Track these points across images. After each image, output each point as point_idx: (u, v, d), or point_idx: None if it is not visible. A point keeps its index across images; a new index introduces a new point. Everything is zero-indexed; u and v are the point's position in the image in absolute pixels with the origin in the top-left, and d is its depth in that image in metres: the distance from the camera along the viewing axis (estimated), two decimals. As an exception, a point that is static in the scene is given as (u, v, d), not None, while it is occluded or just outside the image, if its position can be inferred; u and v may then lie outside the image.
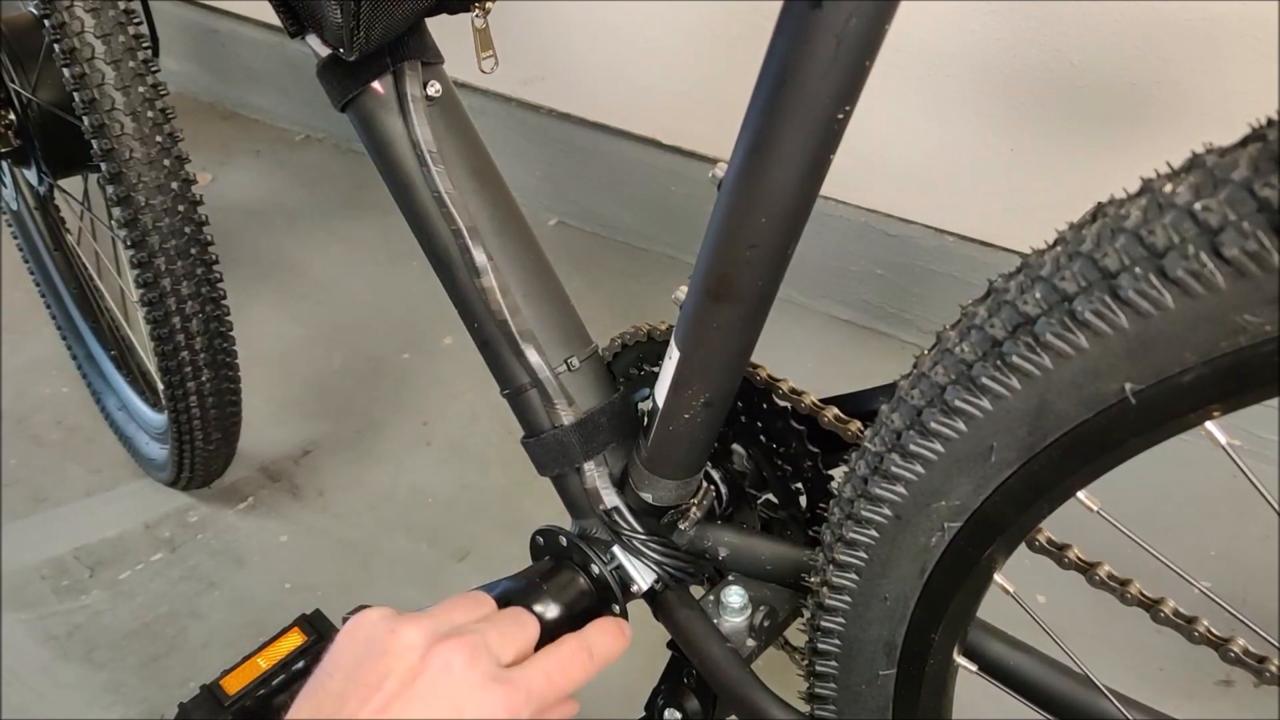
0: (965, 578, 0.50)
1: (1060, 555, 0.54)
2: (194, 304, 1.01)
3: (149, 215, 0.95)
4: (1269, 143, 0.34)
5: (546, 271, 0.69)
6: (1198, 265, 0.35)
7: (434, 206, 0.65)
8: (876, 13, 0.41)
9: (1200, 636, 0.52)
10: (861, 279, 1.57)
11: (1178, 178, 0.37)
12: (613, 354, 0.72)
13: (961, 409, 0.44)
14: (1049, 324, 0.40)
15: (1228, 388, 0.37)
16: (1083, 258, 0.39)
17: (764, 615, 0.68)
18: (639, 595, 0.69)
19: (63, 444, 1.41)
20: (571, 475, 0.68)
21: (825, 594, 0.56)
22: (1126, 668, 1.12)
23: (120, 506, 1.33)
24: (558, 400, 0.67)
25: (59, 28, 0.89)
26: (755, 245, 0.49)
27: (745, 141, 0.46)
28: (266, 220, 1.84)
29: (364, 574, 1.23)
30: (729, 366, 0.57)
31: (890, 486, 0.49)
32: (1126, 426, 0.41)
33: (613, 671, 0.61)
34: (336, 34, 0.59)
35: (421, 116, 0.64)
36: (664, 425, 0.60)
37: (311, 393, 1.50)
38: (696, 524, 0.65)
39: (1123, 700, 0.58)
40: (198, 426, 1.13)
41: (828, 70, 0.42)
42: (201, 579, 1.24)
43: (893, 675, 0.56)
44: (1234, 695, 1.10)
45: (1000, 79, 1.32)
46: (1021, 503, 0.46)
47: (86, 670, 1.14)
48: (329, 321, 1.62)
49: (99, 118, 0.91)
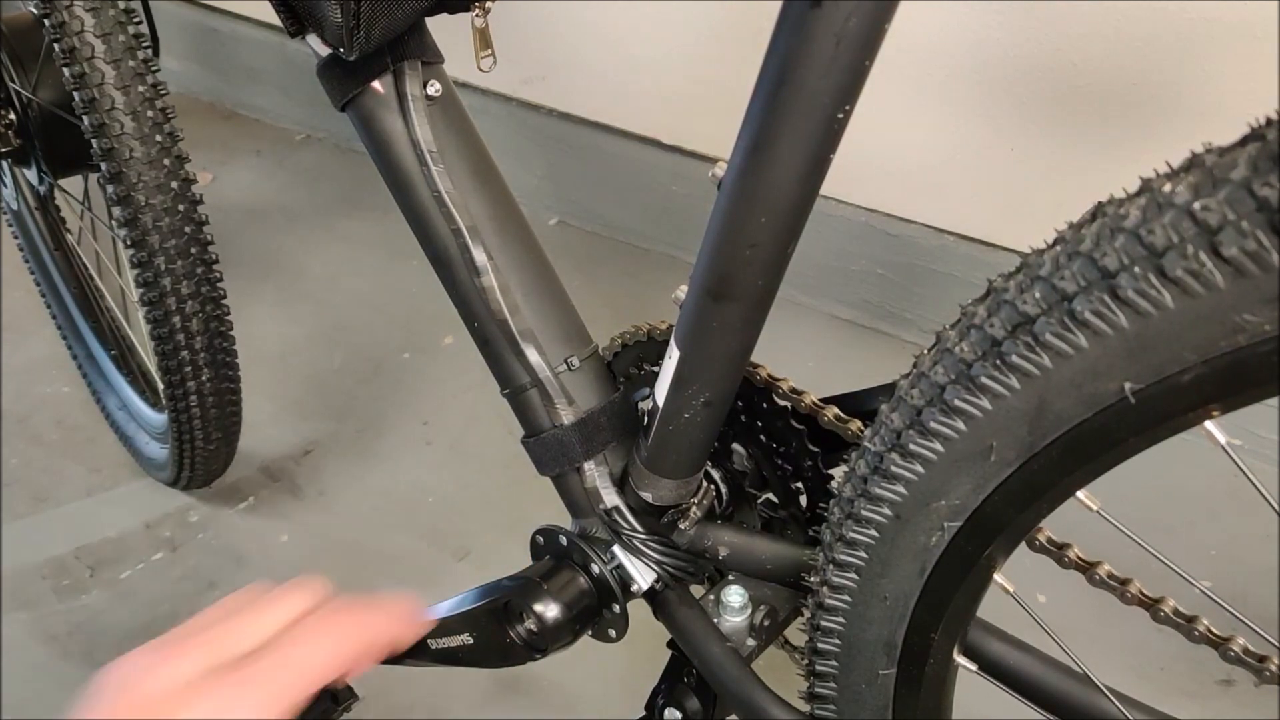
0: (965, 577, 0.50)
1: (1060, 554, 0.54)
2: (194, 303, 1.01)
3: (149, 215, 0.95)
4: (1268, 142, 0.34)
5: (546, 271, 0.69)
6: (1197, 265, 0.35)
7: (434, 206, 0.65)
8: (876, 12, 0.41)
9: (1200, 636, 0.52)
10: (862, 278, 1.57)
11: (1177, 177, 0.37)
12: (613, 353, 0.72)
13: (961, 408, 0.44)
14: (1048, 323, 0.40)
15: (1227, 387, 0.37)
16: (1082, 257, 0.39)
17: (764, 615, 0.68)
18: (639, 595, 0.69)
19: (63, 444, 1.41)
20: (571, 475, 0.68)
21: (825, 593, 0.56)
22: (1127, 667, 1.12)
23: (121, 506, 1.33)
24: (558, 400, 0.67)
25: (59, 27, 0.89)
26: (755, 244, 0.49)
27: (745, 141, 0.46)
28: (267, 220, 1.84)
29: (364, 574, 1.23)
30: (729, 366, 0.57)
31: (890, 486, 0.49)
32: (1126, 426, 0.41)
33: (613, 671, 0.61)
34: (336, 33, 0.59)
35: (421, 116, 0.64)
36: (664, 425, 0.60)
37: (312, 392, 1.50)
38: (696, 523, 0.65)
39: (1123, 700, 0.58)
40: (198, 426, 1.13)
41: (828, 70, 0.42)
42: (202, 578, 1.24)
43: (893, 675, 0.56)
44: (1234, 694, 1.10)
45: (1000, 78, 1.32)
46: (1021, 502, 0.46)
47: (87, 670, 1.14)
48: (329, 321, 1.62)
49: (99, 117, 0.91)
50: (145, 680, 0.42)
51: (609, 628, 0.69)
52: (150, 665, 0.43)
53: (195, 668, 0.43)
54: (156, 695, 0.42)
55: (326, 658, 0.45)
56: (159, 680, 0.42)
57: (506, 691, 1.11)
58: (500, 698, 1.11)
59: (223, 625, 0.45)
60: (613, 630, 0.69)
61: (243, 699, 0.42)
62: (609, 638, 0.69)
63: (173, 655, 0.43)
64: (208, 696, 0.42)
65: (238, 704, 0.42)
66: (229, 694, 0.42)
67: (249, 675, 0.43)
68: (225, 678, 0.42)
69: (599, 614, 0.68)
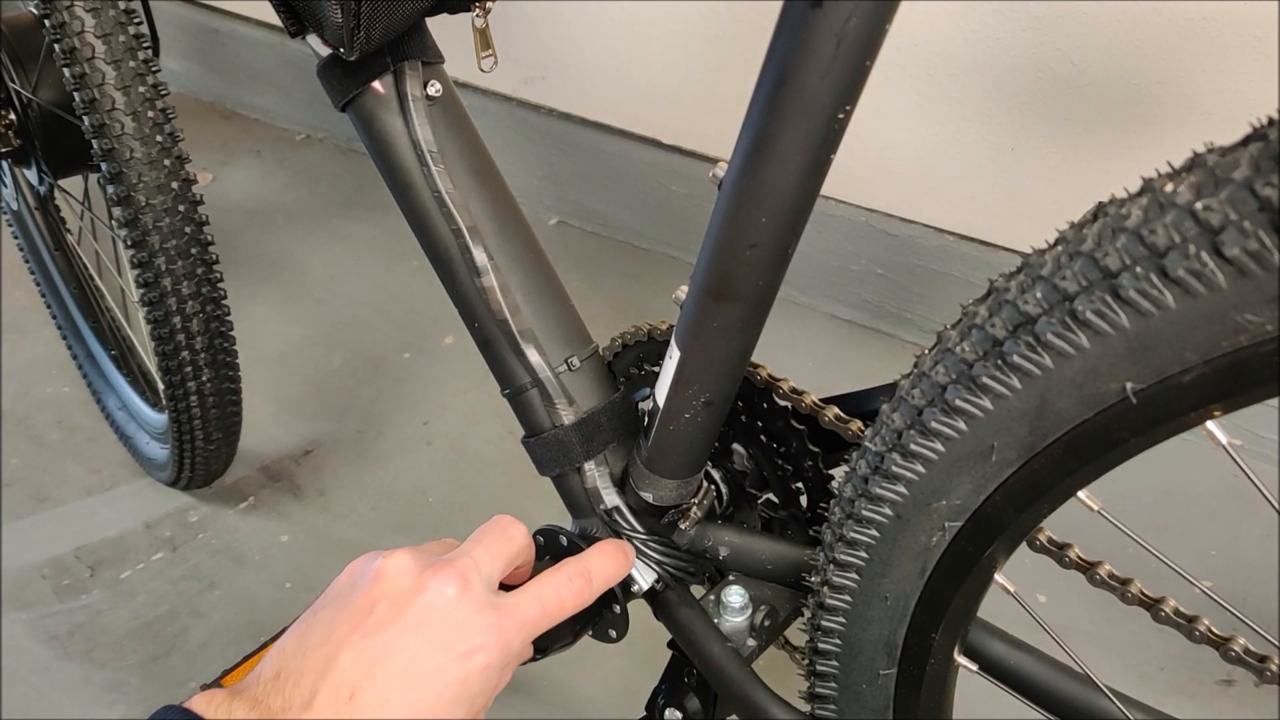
0: (966, 577, 0.50)
1: (1061, 555, 0.54)
2: (194, 304, 1.01)
3: (149, 215, 0.95)
4: (1270, 142, 0.34)
5: (547, 271, 0.69)
6: (1199, 265, 0.35)
7: (434, 206, 0.65)
8: (877, 12, 0.41)
9: (1201, 636, 0.52)
10: (862, 278, 1.57)
11: (1179, 177, 0.37)
12: (613, 353, 0.72)
13: (962, 408, 0.44)
14: (1050, 323, 0.40)
15: (1229, 387, 0.37)
16: (1084, 257, 0.39)
17: (764, 615, 0.68)
18: (639, 595, 0.69)
19: (63, 444, 1.41)
20: (572, 475, 0.68)
21: (826, 593, 0.56)
22: (1127, 667, 1.12)
23: (121, 506, 1.33)
24: (558, 400, 0.67)
25: (59, 27, 0.89)
26: (756, 245, 0.49)
27: (746, 141, 0.46)
28: (267, 220, 1.84)
29: (364, 574, 1.23)
30: (730, 366, 0.57)
31: (891, 486, 0.49)
32: (1127, 426, 0.41)
33: (613, 671, 0.61)
34: (337, 34, 0.59)
35: (422, 116, 0.64)
36: (664, 425, 0.60)
37: (312, 392, 1.50)
38: (697, 523, 0.65)
39: (1123, 700, 0.58)
40: (198, 426, 1.13)
41: (828, 70, 0.42)
42: (202, 578, 1.24)
43: (893, 675, 0.56)
44: (1235, 694, 1.10)
45: (1001, 78, 1.32)
46: (1022, 502, 0.46)
47: (87, 669, 1.14)
48: (329, 321, 1.62)
49: (99, 118, 0.91)
50: (421, 596, 0.49)
51: (609, 628, 0.68)
52: (421, 582, 0.49)
53: (463, 595, 0.50)
54: (440, 612, 0.49)
55: (567, 611, 0.56)
56: (440, 600, 0.49)
57: (506, 691, 1.11)
58: (500, 698, 1.10)
59: (468, 556, 0.52)
60: (613, 630, 0.69)
61: (512, 638, 0.51)
62: (609, 638, 0.69)
63: (441, 575, 0.50)
64: (489, 627, 0.50)
65: (510, 641, 0.51)
66: (507, 629, 0.51)
67: (516, 618, 0.52)
68: (501, 615, 0.51)
69: (599, 614, 0.68)
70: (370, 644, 0.46)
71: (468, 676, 0.48)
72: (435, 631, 0.48)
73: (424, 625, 0.48)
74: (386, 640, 0.47)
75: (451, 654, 0.48)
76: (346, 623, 0.47)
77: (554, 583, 0.56)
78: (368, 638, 0.47)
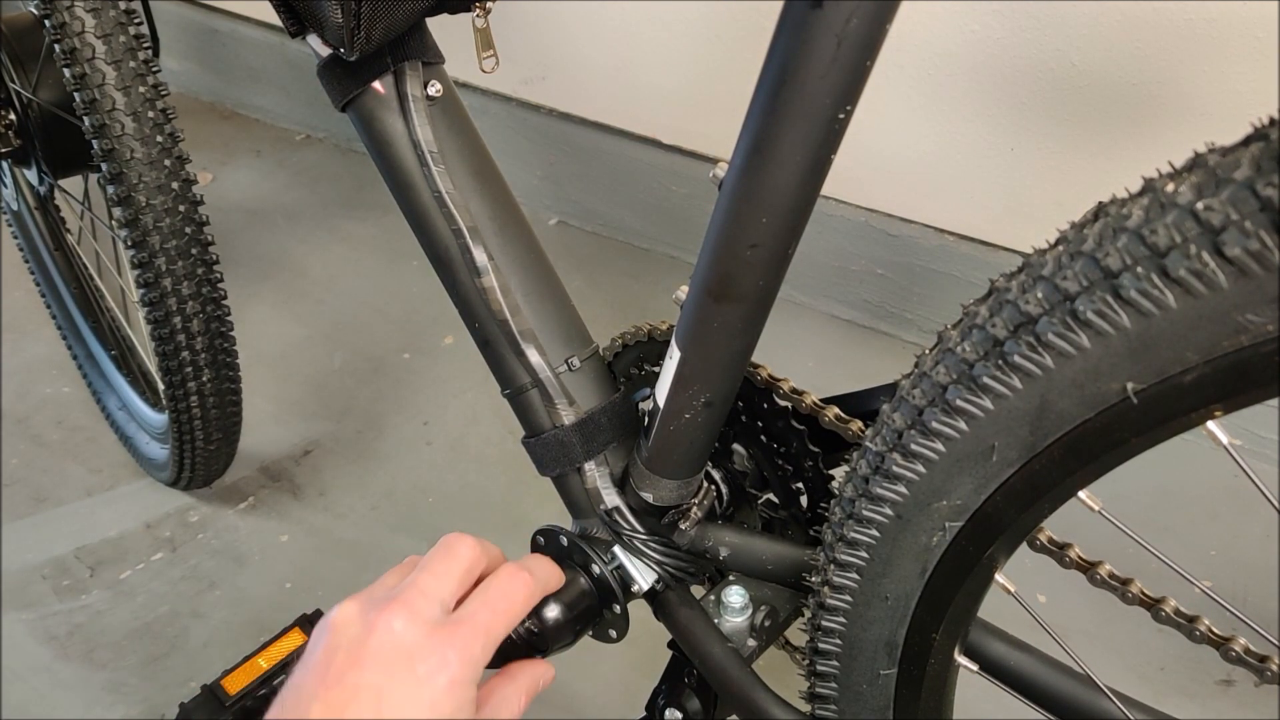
0: (966, 577, 0.50)
1: (1061, 555, 0.54)
2: (194, 304, 1.01)
3: (150, 215, 0.95)
4: (1271, 142, 0.34)
5: (547, 271, 0.69)
6: (1200, 265, 0.35)
7: (434, 206, 0.65)
8: (877, 13, 0.41)
9: (1201, 636, 0.52)
10: (862, 279, 1.57)
11: (1179, 177, 0.37)
12: (613, 354, 0.72)
13: (963, 408, 0.44)
14: (1051, 323, 0.40)
15: (1229, 387, 0.37)
16: (1085, 257, 0.39)
17: (765, 615, 0.68)
18: (640, 595, 0.69)
19: (63, 444, 1.41)
20: (572, 475, 0.68)
21: (826, 593, 0.56)
22: (1127, 667, 1.12)
23: (121, 506, 1.33)
24: (558, 400, 0.67)
25: (59, 28, 0.89)
26: (756, 245, 0.49)
27: (746, 141, 0.46)
28: (267, 220, 1.84)
29: (364, 574, 1.23)
30: (730, 366, 0.57)
31: (891, 486, 0.49)
32: (1128, 426, 0.41)
33: (613, 671, 0.61)
34: (337, 34, 0.59)
35: (422, 116, 0.64)
36: (665, 425, 0.60)
37: (312, 392, 1.50)
38: (697, 524, 0.65)
39: (1123, 700, 0.58)
40: (198, 426, 1.13)
41: (828, 70, 0.42)
42: (202, 579, 1.24)
43: (894, 675, 0.56)
44: (1235, 694, 1.10)
45: (1001, 79, 1.32)
46: (1023, 502, 0.46)
47: (87, 670, 1.14)
48: (329, 321, 1.62)
49: (100, 118, 0.91)
50: (372, 637, 0.50)
51: (610, 628, 0.68)
52: (369, 624, 0.51)
53: (411, 623, 0.51)
54: (391, 646, 0.50)
55: (519, 607, 0.56)
56: (389, 635, 0.50)
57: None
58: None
59: (413, 587, 0.53)
60: (613, 630, 0.69)
61: (470, 647, 0.51)
62: (610, 638, 0.69)
63: (387, 612, 0.51)
64: (443, 644, 0.51)
65: (469, 650, 0.51)
66: (461, 641, 0.51)
67: (468, 627, 0.52)
68: (453, 630, 0.52)
69: (600, 614, 0.68)
70: (335, 694, 0.48)
71: (435, 698, 0.50)
72: (393, 665, 0.49)
73: (380, 663, 0.49)
74: (349, 686, 0.48)
75: (412, 682, 0.49)
76: (311, 680, 0.49)
77: (494, 583, 0.57)
78: (332, 689, 0.48)
